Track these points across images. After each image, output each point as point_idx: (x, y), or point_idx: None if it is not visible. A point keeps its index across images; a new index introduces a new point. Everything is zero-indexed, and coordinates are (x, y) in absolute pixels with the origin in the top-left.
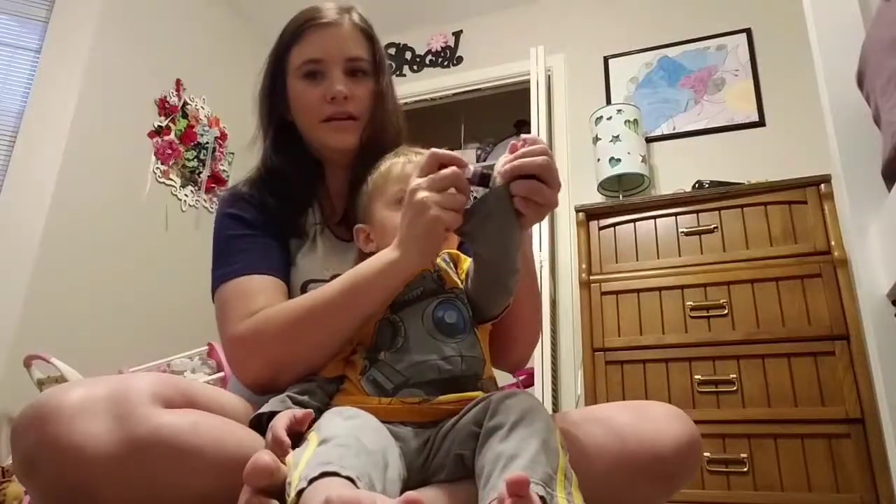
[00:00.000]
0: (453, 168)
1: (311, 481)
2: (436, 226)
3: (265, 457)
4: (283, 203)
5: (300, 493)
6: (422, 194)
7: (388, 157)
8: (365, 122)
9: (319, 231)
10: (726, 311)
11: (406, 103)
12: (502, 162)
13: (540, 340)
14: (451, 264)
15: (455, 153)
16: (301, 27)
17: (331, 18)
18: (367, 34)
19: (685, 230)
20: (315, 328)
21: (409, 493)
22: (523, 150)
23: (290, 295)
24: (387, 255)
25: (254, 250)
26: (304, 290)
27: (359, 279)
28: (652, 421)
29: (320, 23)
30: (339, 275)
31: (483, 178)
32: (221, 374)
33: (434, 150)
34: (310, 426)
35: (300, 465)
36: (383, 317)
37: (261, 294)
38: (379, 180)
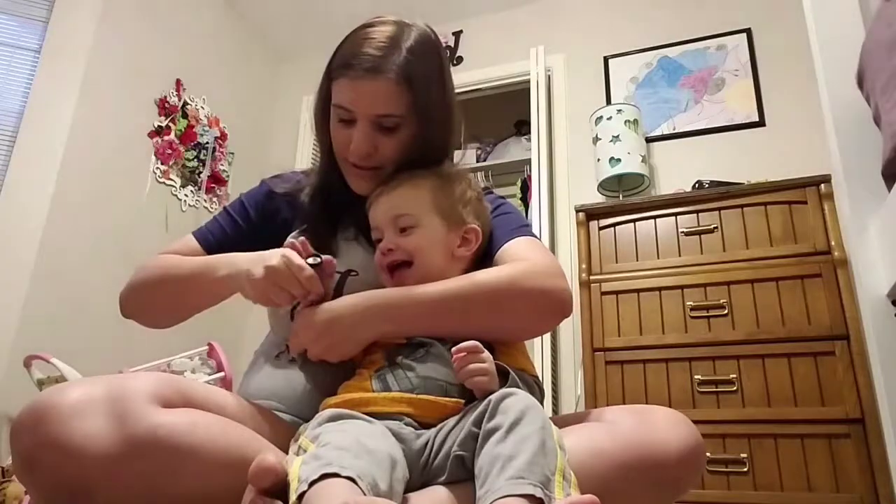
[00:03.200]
0: (313, 275)
1: (311, 484)
2: (266, 295)
3: (270, 457)
4: (322, 210)
5: (301, 496)
6: (279, 263)
7: None
8: (391, 168)
9: (351, 237)
10: (726, 311)
11: None
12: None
13: (540, 340)
14: None
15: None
16: (341, 68)
17: (367, 68)
18: (408, 79)
19: (685, 230)
20: (169, 290)
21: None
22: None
23: None
24: (240, 267)
25: (216, 221)
26: None
27: (208, 269)
28: (656, 426)
29: (353, 74)
30: (352, 270)
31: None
32: (221, 374)
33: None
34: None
35: (300, 468)
36: (412, 337)
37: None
38: None
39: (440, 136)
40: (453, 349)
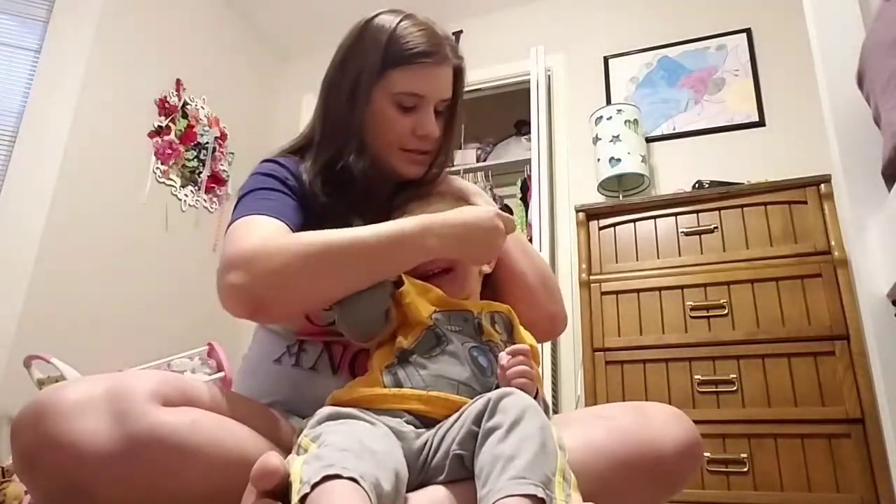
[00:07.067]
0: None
1: (314, 486)
2: (492, 252)
3: (273, 459)
4: (346, 201)
5: (304, 497)
6: (500, 224)
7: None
8: (435, 153)
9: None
10: (726, 311)
11: None
12: None
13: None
14: (501, 324)
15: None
16: (415, 56)
17: (442, 58)
18: (459, 72)
19: (685, 230)
20: (343, 264)
21: None
22: None
23: None
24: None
25: (277, 201)
26: None
27: (405, 238)
28: (653, 422)
29: (432, 62)
30: None
31: None
32: (221, 374)
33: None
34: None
35: (302, 469)
36: (432, 326)
37: (276, 230)
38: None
39: (458, 125)
40: (509, 349)
